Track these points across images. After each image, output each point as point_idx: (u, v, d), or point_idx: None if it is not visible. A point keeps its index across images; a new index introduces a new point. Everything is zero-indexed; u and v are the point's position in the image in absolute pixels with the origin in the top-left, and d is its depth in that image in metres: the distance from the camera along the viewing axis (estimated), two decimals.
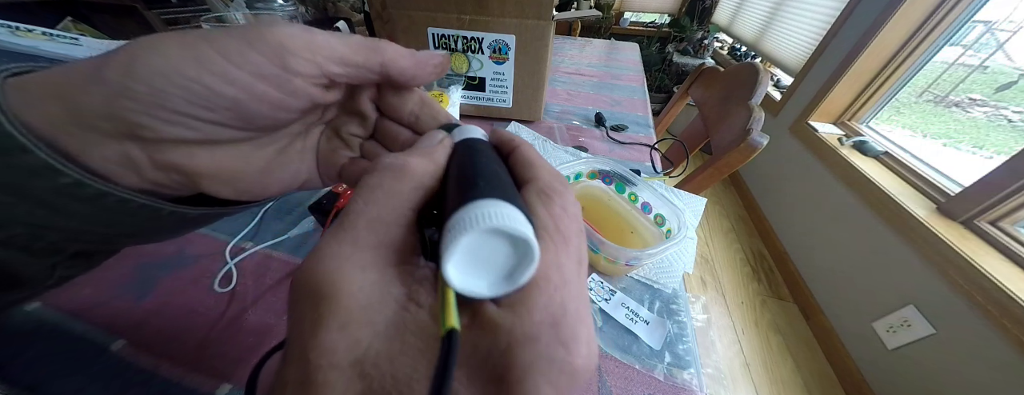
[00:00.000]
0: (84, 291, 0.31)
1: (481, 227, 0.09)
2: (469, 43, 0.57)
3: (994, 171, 0.88)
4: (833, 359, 1.16)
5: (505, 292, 0.10)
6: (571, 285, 0.11)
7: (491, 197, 0.10)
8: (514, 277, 0.10)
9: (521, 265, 0.10)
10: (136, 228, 0.15)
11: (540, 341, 0.09)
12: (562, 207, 0.12)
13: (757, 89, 0.63)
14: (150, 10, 1.12)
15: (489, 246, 0.10)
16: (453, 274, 0.10)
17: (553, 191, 0.13)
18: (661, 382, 0.30)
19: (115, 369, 0.27)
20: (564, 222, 0.12)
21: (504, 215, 0.10)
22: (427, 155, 0.13)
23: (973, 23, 1.11)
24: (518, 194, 0.13)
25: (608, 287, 0.36)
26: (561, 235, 0.11)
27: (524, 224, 0.10)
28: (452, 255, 0.09)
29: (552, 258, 0.11)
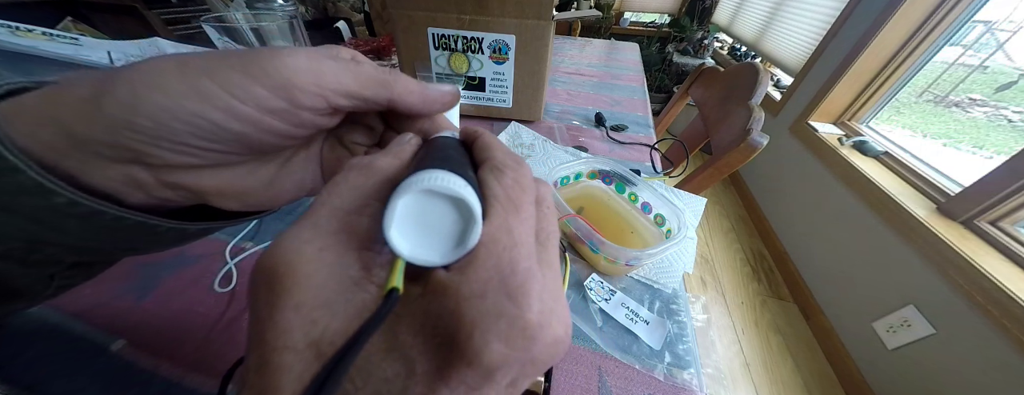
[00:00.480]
0: (84, 291, 0.31)
1: (416, 188, 0.10)
2: (469, 43, 0.56)
3: (994, 171, 0.88)
4: (833, 359, 1.16)
5: (456, 258, 0.10)
6: (522, 247, 0.11)
7: (437, 167, 0.11)
8: (462, 242, 0.10)
9: (467, 229, 0.10)
10: (133, 243, 0.15)
11: (486, 298, 0.09)
12: (514, 179, 0.13)
13: (757, 89, 0.63)
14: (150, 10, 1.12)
15: (433, 212, 0.10)
16: (396, 238, 0.10)
17: (504, 166, 0.13)
18: (661, 382, 0.30)
19: (115, 369, 0.27)
20: (515, 191, 0.12)
21: (440, 177, 0.10)
22: (394, 154, 0.14)
23: (973, 23, 1.11)
24: (470, 170, 0.13)
25: (608, 287, 0.36)
26: (512, 203, 0.12)
27: (463, 187, 0.10)
28: (392, 218, 0.10)
29: (501, 222, 0.11)
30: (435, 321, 0.10)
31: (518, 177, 0.13)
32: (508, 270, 0.10)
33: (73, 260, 0.14)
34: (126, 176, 0.12)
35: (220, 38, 0.39)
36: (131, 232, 0.14)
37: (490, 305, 0.09)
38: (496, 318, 0.09)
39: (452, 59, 0.59)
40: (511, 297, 0.10)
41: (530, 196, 0.13)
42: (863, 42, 1.27)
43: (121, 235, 0.14)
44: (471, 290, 0.10)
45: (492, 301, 0.09)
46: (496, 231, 0.11)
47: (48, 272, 0.14)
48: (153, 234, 0.14)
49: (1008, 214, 0.88)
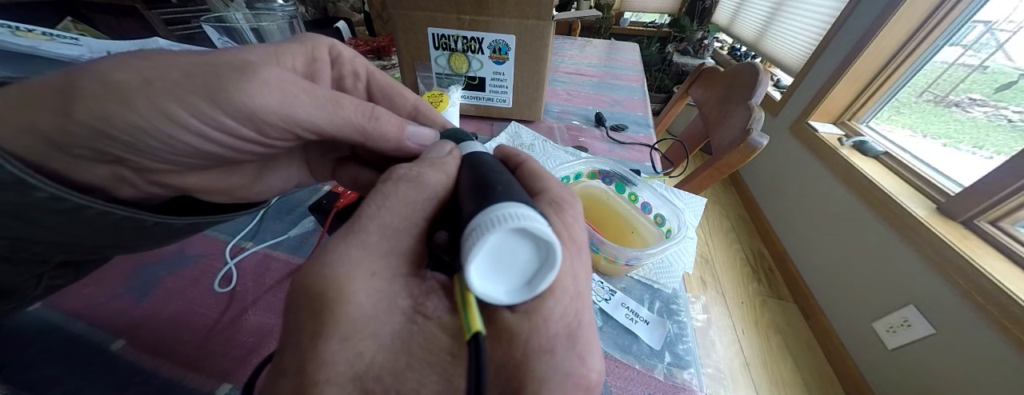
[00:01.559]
0: (84, 291, 0.31)
1: (508, 226, 0.09)
2: (469, 43, 0.56)
3: (994, 171, 0.88)
4: (833, 359, 1.15)
5: (524, 299, 0.10)
6: (585, 297, 0.11)
7: (512, 200, 0.10)
8: (534, 283, 0.10)
9: (542, 271, 0.10)
10: (121, 240, 0.14)
11: (556, 353, 0.09)
12: (574, 216, 0.12)
13: (757, 89, 0.63)
14: (150, 10, 1.12)
15: (510, 250, 0.10)
16: (475, 277, 0.09)
17: (564, 201, 0.12)
18: (661, 382, 0.30)
19: (115, 369, 0.27)
20: (576, 231, 0.12)
21: (530, 216, 0.10)
22: (440, 167, 0.13)
23: (973, 23, 1.11)
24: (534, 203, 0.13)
25: (608, 287, 0.36)
26: (575, 244, 0.11)
27: (548, 227, 0.10)
28: (476, 256, 0.09)
29: (568, 267, 0.10)
30: (498, 367, 0.09)
31: (577, 215, 0.12)
32: (576, 323, 0.10)
33: (61, 259, 0.14)
34: (113, 174, 0.12)
35: (220, 38, 0.39)
36: (117, 228, 0.13)
37: (560, 362, 0.09)
38: (565, 377, 0.09)
39: (452, 59, 0.59)
40: (580, 357, 0.09)
41: (586, 235, 0.12)
42: (863, 42, 1.27)
43: (107, 231, 0.13)
44: (541, 343, 0.09)
45: (561, 358, 0.09)
46: (564, 277, 0.10)
47: (36, 271, 0.14)
48: (140, 230, 0.14)
49: (1008, 214, 0.88)
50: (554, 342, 0.09)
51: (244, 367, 0.28)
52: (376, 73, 0.17)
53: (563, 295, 0.10)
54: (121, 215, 0.13)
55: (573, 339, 0.09)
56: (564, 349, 0.09)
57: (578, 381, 0.09)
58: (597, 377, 0.09)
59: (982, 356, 0.81)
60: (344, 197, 0.37)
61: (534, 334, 0.09)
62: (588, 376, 0.09)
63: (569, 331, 0.09)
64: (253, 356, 0.28)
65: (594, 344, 0.10)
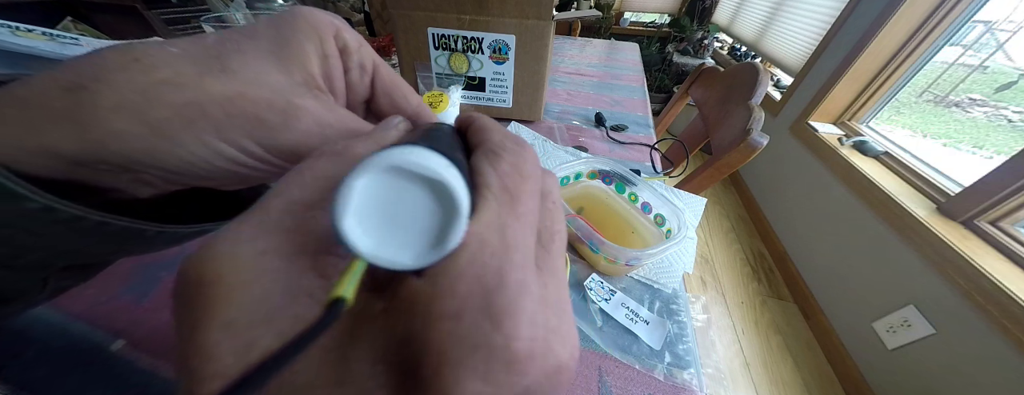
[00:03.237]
0: (84, 291, 0.31)
1: (381, 164, 0.08)
2: (469, 43, 0.56)
3: (994, 171, 0.88)
4: (833, 359, 1.15)
5: (433, 260, 0.08)
6: (516, 252, 0.09)
7: (412, 144, 0.08)
8: (441, 241, 0.08)
9: (448, 223, 0.08)
10: (122, 246, 0.14)
11: (462, 319, 0.07)
12: (512, 163, 0.10)
13: (757, 89, 0.63)
14: (150, 10, 1.12)
15: (406, 199, 0.08)
16: (353, 231, 0.08)
17: (502, 149, 0.11)
18: (661, 382, 0.30)
19: (115, 369, 0.27)
20: (512, 179, 0.10)
21: (415, 153, 0.08)
22: (374, 141, 0.12)
23: (973, 23, 1.11)
24: (460, 154, 0.11)
25: (608, 287, 0.36)
26: (508, 193, 0.10)
27: (442, 167, 0.08)
28: (347, 203, 0.07)
29: (492, 218, 0.09)
30: (399, 346, 0.08)
31: (518, 162, 0.10)
32: (495, 283, 0.08)
33: (63, 264, 0.13)
34: (134, 178, 0.12)
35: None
36: (117, 236, 0.13)
37: (467, 330, 0.07)
38: (473, 349, 0.07)
39: (452, 59, 0.59)
40: (494, 321, 0.07)
41: (532, 185, 0.10)
42: (863, 42, 1.27)
43: (106, 239, 0.13)
44: (444, 308, 0.07)
45: (470, 325, 0.07)
46: (485, 230, 0.09)
47: (40, 276, 0.13)
48: (140, 238, 0.13)
49: (1008, 214, 0.88)
50: (463, 305, 0.08)
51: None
52: (383, 69, 0.16)
53: (480, 250, 0.08)
54: (121, 225, 0.12)
55: (488, 301, 0.08)
56: (474, 314, 0.07)
57: (494, 353, 0.07)
58: (525, 346, 0.08)
59: (982, 356, 0.81)
60: None
61: (437, 298, 0.08)
62: (509, 346, 0.07)
63: (484, 292, 0.08)
64: None
65: (520, 306, 0.08)
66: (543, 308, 0.09)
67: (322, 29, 0.14)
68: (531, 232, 0.10)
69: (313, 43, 0.13)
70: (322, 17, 0.14)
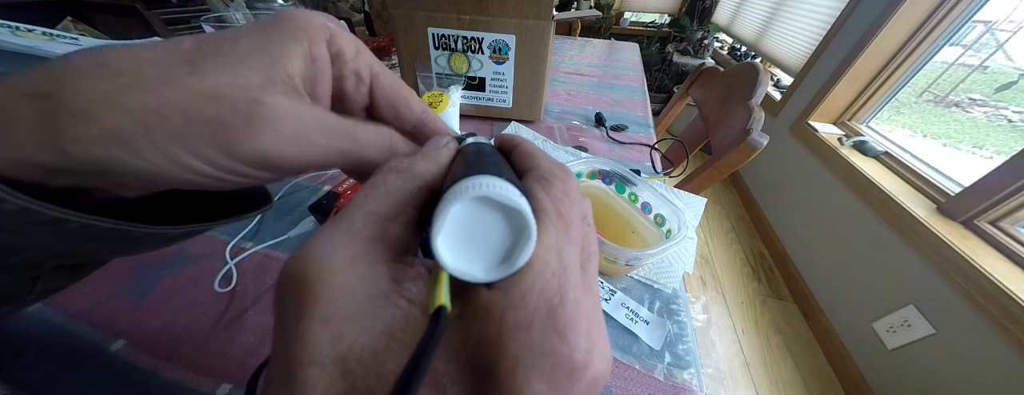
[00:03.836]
0: (84, 291, 0.31)
1: (470, 194, 0.09)
2: (469, 43, 0.56)
3: (994, 171, 0.88)
4: (833, 359, 1.16)
5: (502, 276, 0.09)
6: (571, 273, 0.10)
7: (489, 174, 0.10)
8: (511, 259, 0.09)
9: (518, 244, 0.09)
10: (111, 247, 0.13)
11: (533, 330, 0.09)
12: (564, 191, 0.12)
13: (757, 89, 0.63)
14: (150, 10, 1.12)
15: (482, 222, 0.10)
16: (443, 250, 0.09)
17: (553, 176, 0.12)
18: (661, 382, 0.30)
19: (115, 369, 0.27)
20: (565, 205, 0.11)
21: (496, 185, 0.09)
22: (432, 159, 0.13)
23: (973, 23, 1.11)
24: (518, 179, 0.12)
25: (608, 287, 0.36)
26: (562, 219, 0.11)
27: (518, 196, 0.09)
28: (442, 226, 0.09)
29: (551, 242, 0.10)
30: (473, 348, 0.09)
31: (567, 189, 0.12)
32: (557, 299, 0.09)
33: (54, 264, 0.13)
34: (115, 182, 0.12)
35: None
36: (103, 238, 0.12)
37: (537, 339, 0.09)
38: (542, 355, 0.08)
39: (452, 59, 0.59)
40: (560, 333, 0.09)
41: (578, 210, 0.12)
42: (863, 42, 1.27)
43: (92, 241, 0.12)
44: (517, 319, 0.09)
45: (539, 335, 0.09)
46: (546, 251, 0.10)
47: (30, 276, 0.13)
48: (128, 240, 0.13)
49: (1008, 214, 0.88)
50: (532, 318, 0.09)
51: (244, 367, 0.28)
52: (383, 76, 0.16)
53: (544, 270, 0.10)
54: (105, 227, 0.12)
55: (552, 314, 0.09)
56: (542, 326, 0.09)
57: (558, 360, 0.08)
58: (582, 357, 0.09)
59: (982, 356, 0.81)
60: (344, 197, 0.37)
61: (510, 309, 0.09)
62: (571, 356, 0.09)
63: (549, 306, 0.09)
64: (253, 356, 0.28)
65: (578, 321, 0.09)
66: (592, 323, 0.10)
67: (313, 32, 0.13)
68: (579, 254, 0.11)
69: (300, 45, 0.13)
70: (315, 19, 0.13)
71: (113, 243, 0.13)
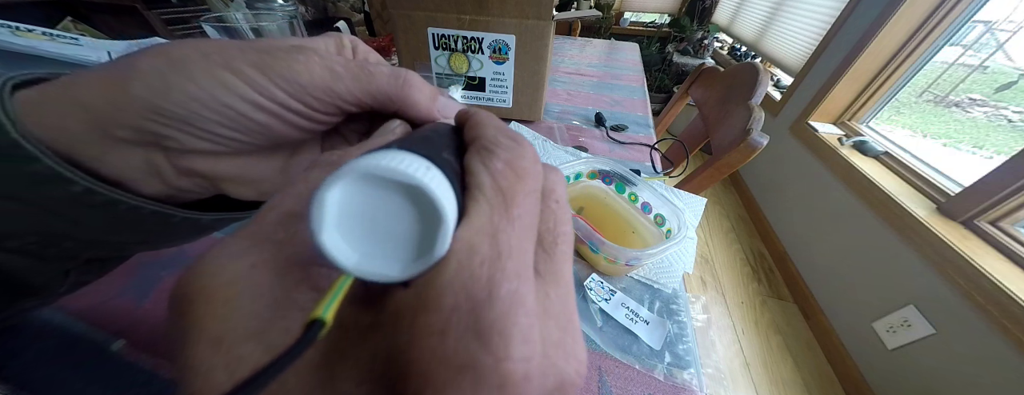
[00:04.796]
0: (84, 291, 0.31)
1: (353, 173, 0.07)
2: (469, 43, 0.56)
3: (994, 171, 0.88)
4: (833, 359, 1.15)
5: (419, 271, 0.08)
6: (510, 259, 0.08)
7: (393, 147, 0.08)
8: (427, 250, 0.08)
9: (432, 230, 0.07)
10: (148, 235, 0.15)
11: (448, 335, 0.07)
12: (507, 161, 0.10)
13: (757, 89, 0.63)
14: (150, 10, 1.12)
15: (384, 207, 0.08)
16: (334, 244, 0.07)
17: (496, 145, 0.10)
18: (661, 382, 0.30)
19: (115, 369, 0.27)
20: (506, 179, 0.09)
21: (390, 157, 0.07)
22: (368, 147, 0.12)
23: (973, 23, 1.11)
24: (451, 153, 0.10)
25: (608, 287, 0.36)
26: (501, 194, 0.09)
27: (419, 170, 0.07)
28: (324, 214, 0.07)
29: (483, 222, 0.08)
30: (386, 364, 0.07)
31: (513, 159, 0.10)
32: (483, 295, 0.07)
33: (88, 255, 0.14)
34: (145, 162, 0.13)
35: (220, 38, 0.39)
36: (146, 223, 0.14)
37: (452, 349, 0.07)
38: (458, 371, 0.07)
39: (452, 59, 0.59)
40: (483, 339, 0.07)
41: (529, 184, 0.10)
42: (863, 42, 1.27)
43: (136, 226, 0.14)
44: (429, 323, 0.07)
45: (455, 343, 0.07)
46: (475, 235, 0.08)
47: (64, 268, 0.14)
48: (167, 225, 0.14)
49: (1008, 214, 0.88)
50: (448, 321, 0.07)
51: None
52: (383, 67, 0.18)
53: (469, 259, 0.07)
54: (150, 210, 0.13)
55: (476, 316, 0.07)
56: (460, 331, 0.07)
57: (481, 375, 0.07)
58: (519, 367, 0.07)
59: (982, 356, 0.81)
60: None
61: (421, 312, 0.07)
62: (499, 367, 0.07)
63: (471, 305, 0.07)
64: None
65: (513, 321, 0.07)
66: (544, 320, 0.08)
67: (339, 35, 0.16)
68: (528, 236, 0.09)
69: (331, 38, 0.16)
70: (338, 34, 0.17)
71: (153, 228, 0.14)
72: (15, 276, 0.13)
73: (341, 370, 0.07)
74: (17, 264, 0.13)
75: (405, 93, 0.14)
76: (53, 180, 0.11)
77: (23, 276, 0.13)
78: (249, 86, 0.12)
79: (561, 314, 0.09)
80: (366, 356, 0.07)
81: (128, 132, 0.12)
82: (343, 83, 0.13)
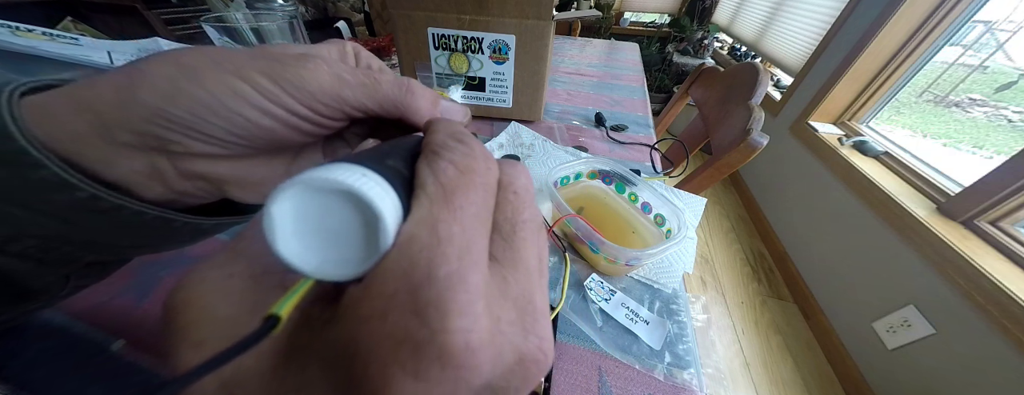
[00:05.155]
0: (84, 291, 0.31)
1: (295, 186, 0.08)
2: (469, 43, 0.56)
3: (994, 171, 0.88)
4: (833, 359, 1.16)
5: (370, 267, 0.08)
6: (449, 246, 0.08)
7: (337, 162, 0.09)
8: (374, 246, 0.08)
9: (374, 229, 0.08)
10: (149, 239, 0.15)
11: (388, 317, 0.07)
12: (451, 161, 0.10)
13: (757, 89, 0.63)
14: (150, 10, 1.12)
15: (334, 214, 0.08)
16: (290, 252, 0.08)
17: (442, 147, 0.11)
18: (661, 382, 0.30)
19: (115, 369, 0.27)
20: (448, 176, 0.10)
21: (327, 169, 0.08)
22: None
23: (973, 23, 1.11)
24: (399, 160, 0.11)
25: (608, 287, 0.36)
26: (441, 190, 0.09)
27: (351, 177, 0.08)
28: (273, 226, 0.08)
29: (424, 215, 0.09)
30: (338, 352, 0.08)
31: (456, 158, 0.10)
32: (422, 277, 0.08)
33: (89, 259, 0.14)
34: (148, 166, 0.13)
35: (220, 38, 0.39)
36: (148, 228, 0.14)
37: (391, 327, 0.07)
38: (397, 345, 0.07)
39: (452, 59, 0.59)
40: (420, 315, 0.07)
41: (474, 179, 0.10)
42: (863, 42, 1.27)
43: (138, 231, 0.14)
44: (372, 307, 0.07)
45: (394, 322, 0.07)
46: (415, 227, 0.08)
47: (65, 272, 0.14)
48: (169, 230, 0.15)
49: (1008, 214, 0.88)
50: (388, 305, 0.07)
51: None
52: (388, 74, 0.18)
53: (408, 246, 0.08)
54: (154, 215, 0.13)
55: (413, 296, 0.07)
56: (399, 311, 0.07)
57: (421, 347, 0.07)
58: (462, 338, 0.07)
59: (982, 356, 0.81)
60: None
61: (365, 300, 0.08)
62: (436, 338, 0.07)
63: (410, 288, 0.07)
64: None
65: (452, 298, 0.07)
66: (501, 301, 0.09)
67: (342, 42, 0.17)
68: (475, 224, 0.09)
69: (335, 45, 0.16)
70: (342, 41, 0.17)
71: (155, 233, 0.14)
72: (16, 280, 0.13)
73: (306, 360, 0.08)
74: (18, 268, 0.13)
75: (408, 100, 0.15)
76: (58, 186, 0.11)
77: (23, 280, 0.13)
78: (259, 93, 0.12)
79: (520, 296, 0.09)
80: (326, 346, 0.08)
81: (133, 136, 0.12)
82: (350, 90, 0.14)
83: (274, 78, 0.12)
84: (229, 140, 0.13)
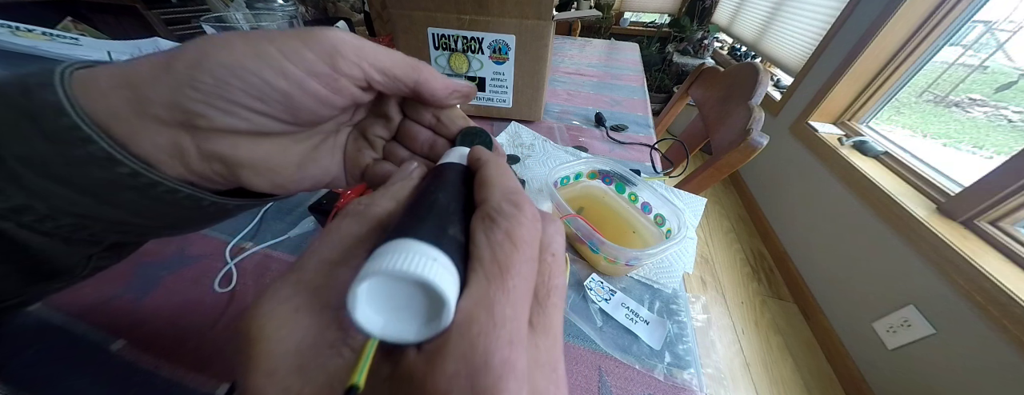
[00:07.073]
0: (84, 291, 0.31)
1: (377, 273, 0.09)
2: (469, 43, 0.56)
3: (994, 171, 0.88)
4: (833, 359, 1.15)
5: (428, 336, 0.09)
6: (503, 328, 0.09)
7: (409, 236, 0.10)
8: (435, 319, 0.09)
9: (437, 306, 0.09)
10: (176, 218, 0.15)
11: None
12: (507, 232, 0.11)
13: (757, 89, 0.63)
14: (150, 10, 1.12)
15: (402, 289, 0.09)
16: (365, 318, 0.09)
17: (498, 214, 0.11)
18: (661, 382, 0.30)
19: (115, 369, 0.27)
20: (504, 251, 0.10)
21: (404, 258, 0.09)
22: (390, 194, 0.14)
23: (973, 23, 1.11)
24: (456, 222, 0.12)
25: (608, 287, 0.36)
26: (498, 267, 0.10)
27: (425, 267, 0.09)
28: (356, 302, 0.09)
29: (481, 296, 0.10)
30: None
31: (512, 228, 0.11)
32: (481, 362, 0.08)
33: (112, 240, 0.15)
34: (172, 144, 0.13)
35: None
36: (179, 206, 0.14)
37: None
38: None
39: (452, 59, 0.59)
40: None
41: (526, 253, 0.11)
42: (863, 42, 1.26)
43: (168, 210, 0.14)
44: (436, 386, 0.08)
45: None
46: (474, 308, 0.09)
47: (88, 252, 0.15)
48: (197, 209, 0.15)
49: (1008, 214, 0.88)
50: (449, 385, 0.08)
51: None
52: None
53: (467, 329, 0.09)
54: (186, 193, 0.14)
55: (472, 380, 0.08)
56: (460, 392, 0.08)
57: None
58: None
59: (982, 356, 0.81)
60: (344, 197, 0.37)
61: (429, 376, 0.08)
62: None
63: (470, 371, 0.08)
64: None
65: (504, 386, 0.08)
66: (533, 370, 0.10)
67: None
68: (523, 301, 0.10)
69: None
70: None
71: (184, 212, 0.15)
72: (43, 258, 0.13)
73: None
74: (47, 247, 0.13)
75: (422, 65, 0.16)
76: (102, 162, 0.12)
77: (50, 259, 0.14)
78: (280, 51, 0.13)
79: (547, 363, 0.10)
80: None
81: (163, 109, 0.12)
82: (370, 49, 0.15)
83: (300, 37, 0.13)
84: (247, 105, 0.13)
